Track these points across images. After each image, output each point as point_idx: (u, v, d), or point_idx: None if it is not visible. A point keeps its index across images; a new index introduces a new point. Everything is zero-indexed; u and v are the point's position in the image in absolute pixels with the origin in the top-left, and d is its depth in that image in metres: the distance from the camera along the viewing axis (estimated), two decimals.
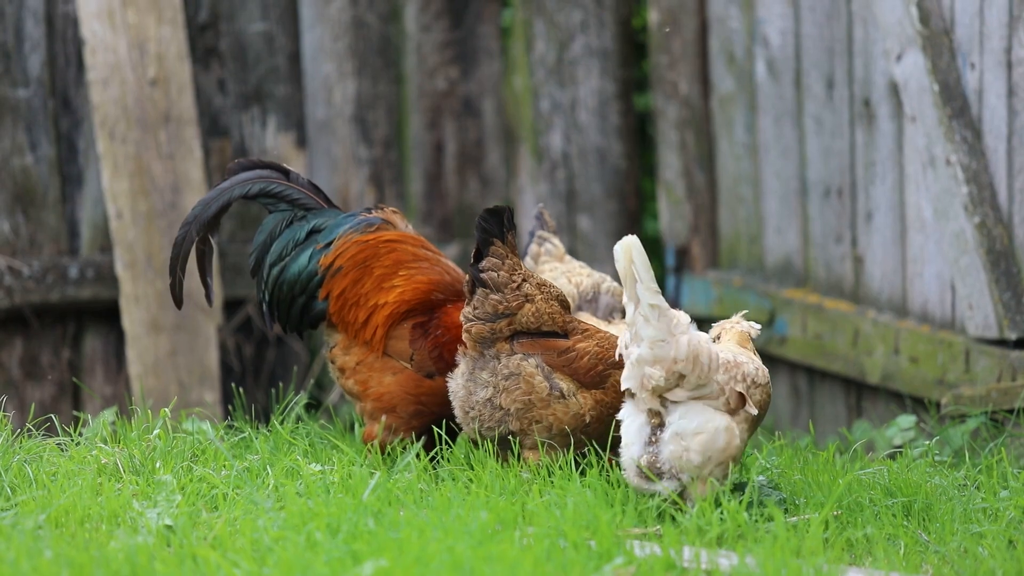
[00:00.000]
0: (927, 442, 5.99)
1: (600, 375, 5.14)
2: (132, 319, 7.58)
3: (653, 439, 4.90)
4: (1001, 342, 6.48)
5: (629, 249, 4.86)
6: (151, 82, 7.58)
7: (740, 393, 4.90)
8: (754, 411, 4.91)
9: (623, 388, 4.92)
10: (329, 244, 5.52)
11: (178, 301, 5.55)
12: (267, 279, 5.56)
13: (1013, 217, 6.43)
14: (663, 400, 4.88)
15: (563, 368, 5.15)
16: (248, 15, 7.84)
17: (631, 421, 4.93)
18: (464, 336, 5.19)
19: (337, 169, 8.03)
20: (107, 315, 7.67)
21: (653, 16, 8.05)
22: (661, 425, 4.89)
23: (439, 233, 8.20)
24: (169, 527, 4.68)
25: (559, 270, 5.83)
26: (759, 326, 5.12)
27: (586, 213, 8.20)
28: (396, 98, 8.11)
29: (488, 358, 5.17)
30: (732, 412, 4.90)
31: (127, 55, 7.55)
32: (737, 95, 7.80)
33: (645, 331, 4.86)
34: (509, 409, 5.13)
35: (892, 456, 6.19)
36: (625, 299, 4.91)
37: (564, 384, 5.14)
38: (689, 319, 4.92)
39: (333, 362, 5.51)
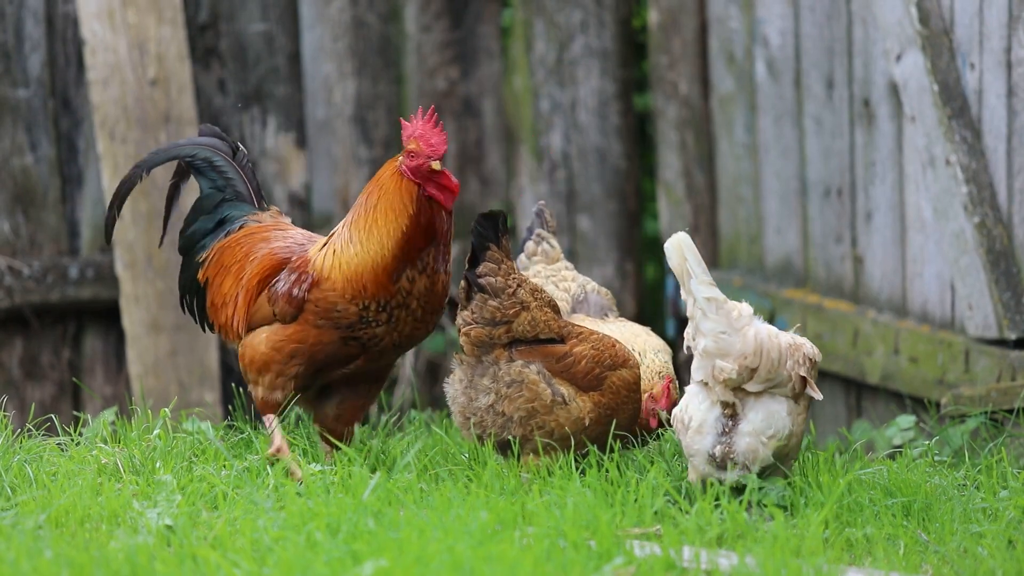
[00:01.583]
0: (927, 442, 5.99)
1: (597, 378, 5.15)
2: (132, 319, 7.58)
3: (727, 429, 4.92)
4: (1001, 342, 6.48)
5: (680, 246, 4.93)
6: (151, 82, 7.58)
7: (803, 377, 4.92)
8: (818, 396, 4.94)
9: (695, 379, 4.95)
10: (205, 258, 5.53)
11: (108, 237, 5.63)
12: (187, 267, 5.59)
13: (1013, 217, 6.43)
14: (736, 391, 4.90)
15: (562, 374, 5.15)
16: (248, 15, 7.84)
17: (705, 410, 4.95)
18: (462, 340, 5.17)
19: (337, 169, 8.02)
20: (107, 315, 7.66)
21: (653, 16, 8.04)
22: (734, 416, 4.91)
23: None
24: (169, 527, 4.68)
25: (542, 274, 5.81)
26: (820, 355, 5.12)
27: (586, 213, 8.20)
28: (396, 98, 8.11)
29: (487, 364, 5.17)
30: (796, 397, 4.93)
31: (127, 55, 7.55)
32: (737, 95, 7.79)
33: (705, 324, 4.91)
34: (512, 416, 5.13)
35: (892, 456, 6.19)
36: (683, 294, 4.94)
37: (564, 389, 5.14)
38: (752, 310, 4.94)
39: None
